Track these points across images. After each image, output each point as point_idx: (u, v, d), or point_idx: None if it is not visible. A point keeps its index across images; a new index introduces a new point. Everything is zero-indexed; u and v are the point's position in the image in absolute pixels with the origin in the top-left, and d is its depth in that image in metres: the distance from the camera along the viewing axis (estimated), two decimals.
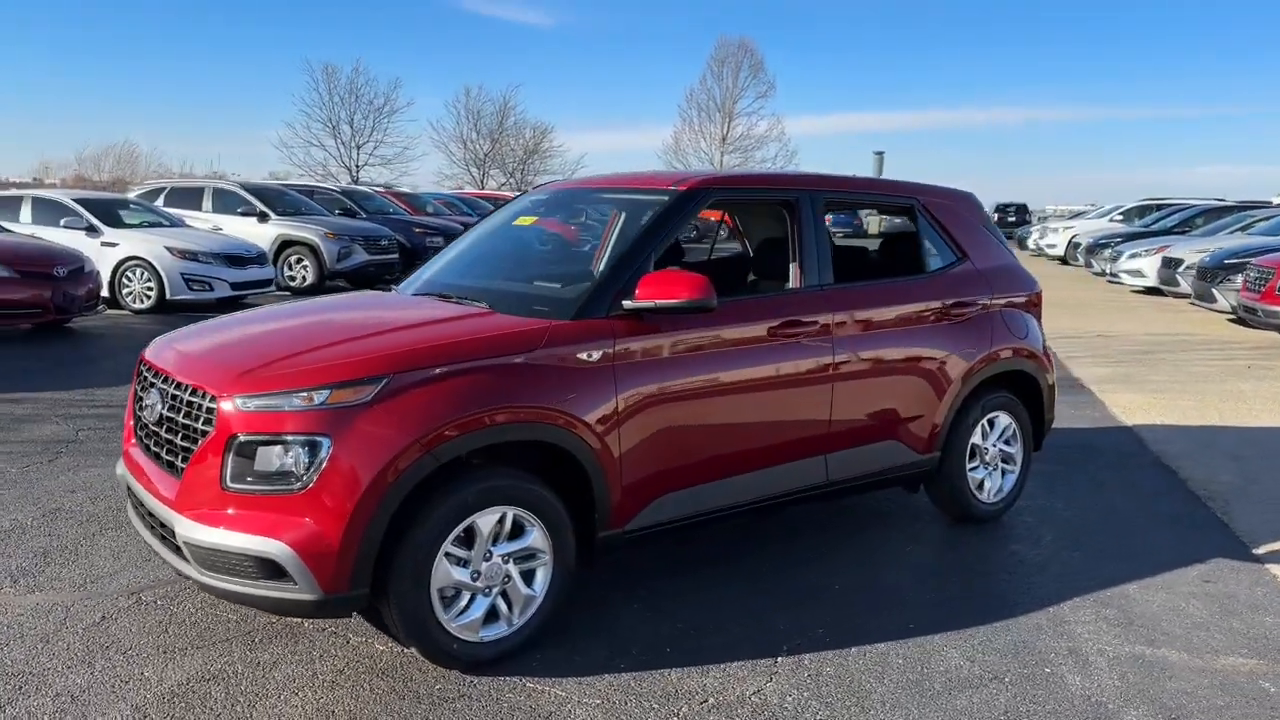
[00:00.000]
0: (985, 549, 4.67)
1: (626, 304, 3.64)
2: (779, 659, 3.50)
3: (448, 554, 3.24)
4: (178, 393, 3.38)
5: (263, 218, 15.81)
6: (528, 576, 3.46)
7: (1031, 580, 4.27)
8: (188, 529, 3.17)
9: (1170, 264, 15.99)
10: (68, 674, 3.26)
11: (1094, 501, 5.41)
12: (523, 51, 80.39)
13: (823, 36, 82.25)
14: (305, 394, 3.11)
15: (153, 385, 3.58)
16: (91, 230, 13.06)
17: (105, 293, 12.22)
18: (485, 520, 3.30)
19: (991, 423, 4.96)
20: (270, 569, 3.07)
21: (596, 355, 3.55)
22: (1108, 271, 19.21)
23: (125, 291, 12.93)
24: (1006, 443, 5.05)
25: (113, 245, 12.96)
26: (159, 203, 16.26)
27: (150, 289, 12.86)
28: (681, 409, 3.78)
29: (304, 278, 15.55)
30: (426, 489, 3.20)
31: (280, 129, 76.16)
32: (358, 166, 44.27)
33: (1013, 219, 42.88)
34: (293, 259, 15.67)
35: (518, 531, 3.41)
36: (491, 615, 3.39)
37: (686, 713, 3.12)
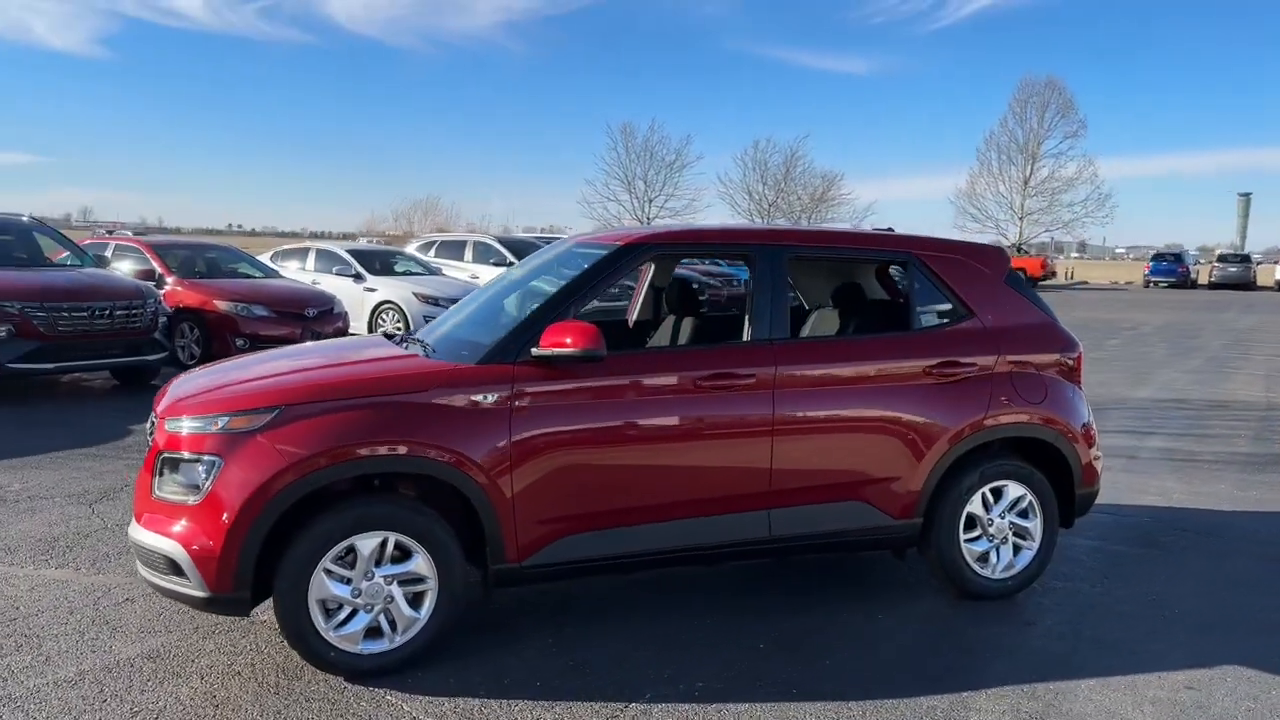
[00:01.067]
0: (962, 625, 4.34)
1: (534, 351, 3.87)
2: (630, 705, 3.54)
3: (328, 570, 3.62)
4: (153, 417, 4.04)
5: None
6: (414, 599, 3.76)
7: (985, 667, 3.94)
8: (131, 529, 3.79)
9: None
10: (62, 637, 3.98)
11: (1135, 589, 4.82)
12: (814, 100, 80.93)
13: (1143, 73, 75.74)
14: (211, 419, 3.63)
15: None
16: (357, 278, 15.07)
17: (365, 330, 14.03)
18: (366, 543, 3.65)
19: (997, 492, 4.61)
20: (173, 566, 3.60)
21: (493, 398, 3.81)
22: None
23: (379, 328, 14.69)
24: (1021, 515, 4.66)
25: (372, 290, 14.87)
26: (431, 253, 18.29)
27: (399, 327, 14.52)
28: (587, 454, 3.94)
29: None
30: (310, 508, 3.60)
31: (581, 186, 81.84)
32: (649, 219, 46.60)
33: None
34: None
35: (404, 556, 3.73)
36: (375, 631, 3.72)
37: None
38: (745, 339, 4.32)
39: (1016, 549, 4.68)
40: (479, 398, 3.80)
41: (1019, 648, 4.12)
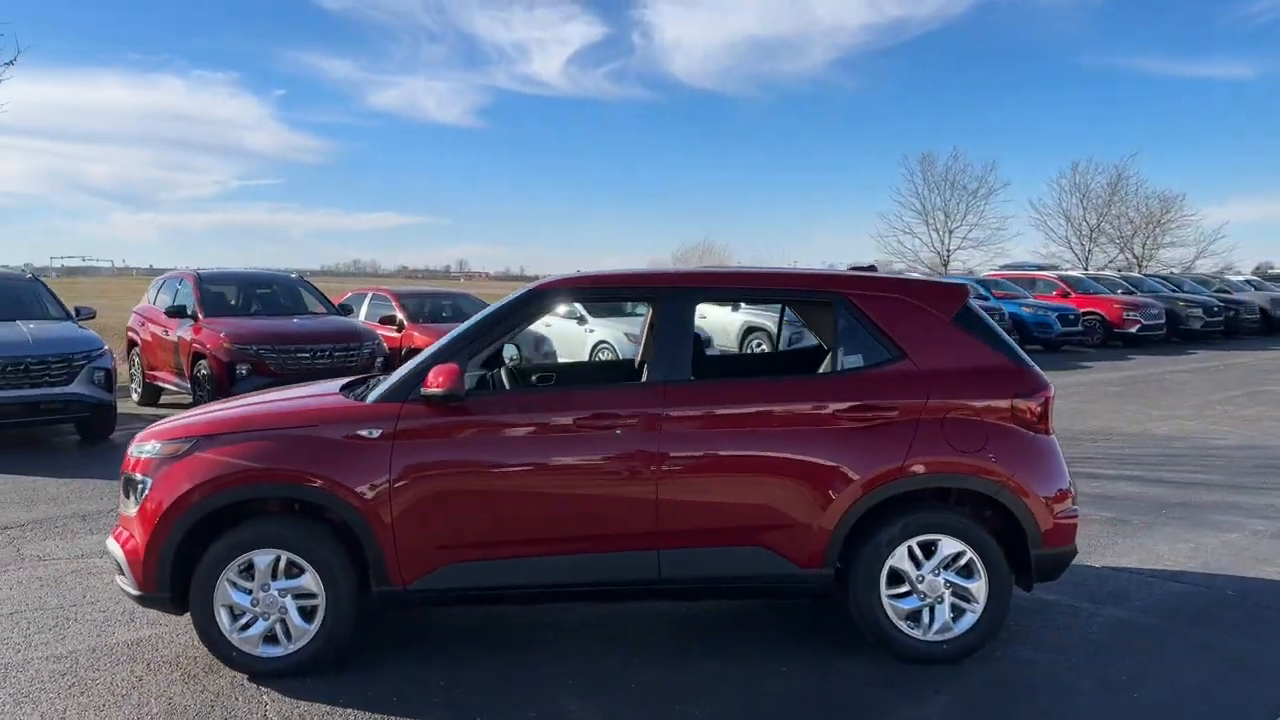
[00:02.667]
0: (846, 684, 4.06)
1: (423, 390, 4.23)
2: None
3: (231, 580, 4.18)
4: None
5: (736, 306, 17.54)
6: (306, 613, 4.22)
7: None
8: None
9: None
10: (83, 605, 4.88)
11: (1104, 669, 4.20)
12: (1149, 114, 73.20)
13: None
14: (150, 446, 4.34)
15: None
16: (580, 320, 16.07)
17: None
18: (262, 558, 4.17)
19: (928, 547, 4.26)
20: (119, 567, 4.33)
21: (377, 433, 4.20)
22: None
23: None
24: (961, 574, 4.27)
25: (591, 331, 15.79)
26: None
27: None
28: (467, 488, 4.21)
29: None
30: (216, 524, 4.19)
31: (875, 221, 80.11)
32: (949, 251, 44.61)
33: None
34: (753, 342, 17.12)
35: (298, 572, 4.20)
36: (272, 637, 4.22)
37: None
38: (641, 380, 4.38)
39: (958, 611, 4.28)
40: (364, 432, 4.20)
41: (892, 715, 3.80)
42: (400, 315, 14.12)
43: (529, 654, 4.44)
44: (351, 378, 5.09)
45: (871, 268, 5.14)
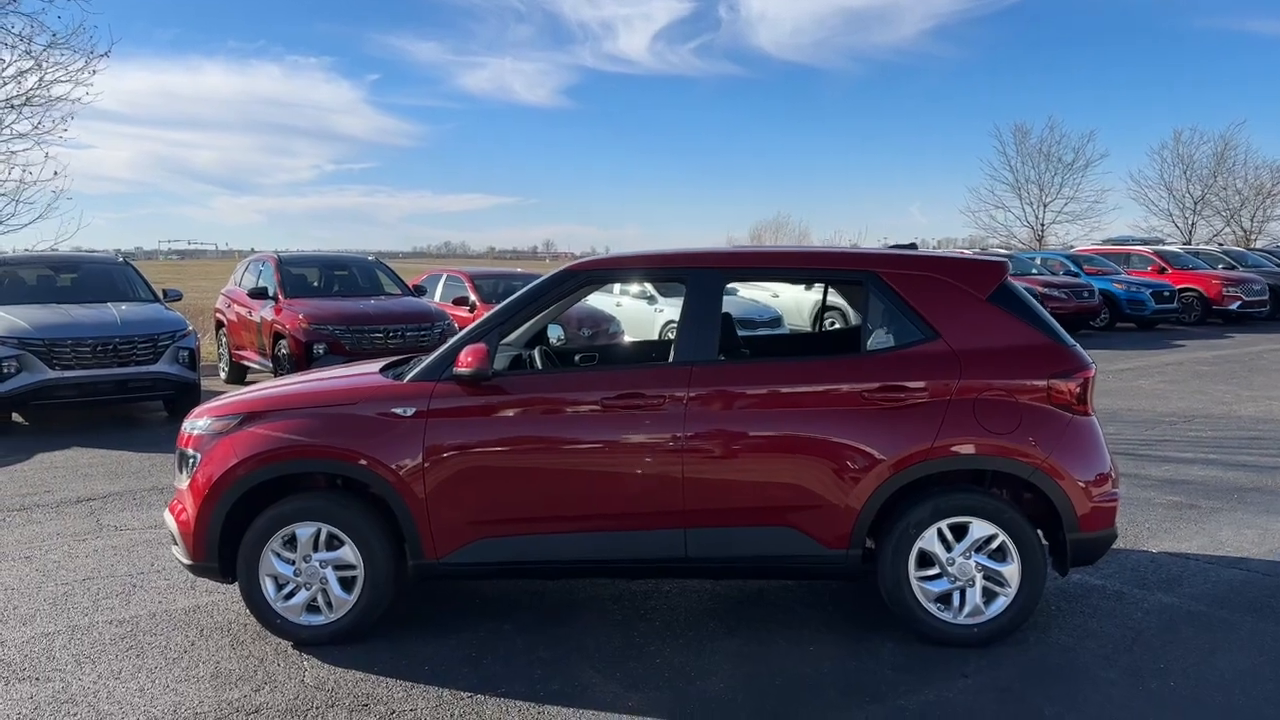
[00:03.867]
0: (870, 662, 4.04)
1: (454, 370, 4.34)
2: (475, 696, 3.86)
3: (275, 551, 4.36)
4: None
5: (808, 286, 17.36)
6: (346, 583, 4.38)
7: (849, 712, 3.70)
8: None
9: None
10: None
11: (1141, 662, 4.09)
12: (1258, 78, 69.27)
13: None
14: (202, 422, 4.54)
15: None
16: (650, 299, 16.10)
17: None
18: (304, 530, 4.35)
19: (959, 529, 4.20)
20: (173, 537, 4.56)
21: (411, 411, 4.33)
22: None
23: None
24: (993, 557, 4.20)
25: (660, 311, 15.80)
26: None
27: None
28: (494, 464, 4.31)
29: None
30: (262, 497, 4.38)
31: (966, 196, 77.87)
32: (1043, 225, 43.20)
33: None
34: (828, 321, 16.93)
35: (338, 544, 4.36)
36: (314, 607, 4.40)
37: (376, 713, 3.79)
38: (669, 360, 4.41)
39: (989, 594, 4.22)
40: (399, 410, 4.33)
41: (909, 696, 3.78)
42: (473, 296, 14.35)
43: (558, 628, 4.53)
44: (395, 358, 5.23)
45: (912, 246, 5.05)
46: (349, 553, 4.34)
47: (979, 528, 4.19)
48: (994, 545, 4.20)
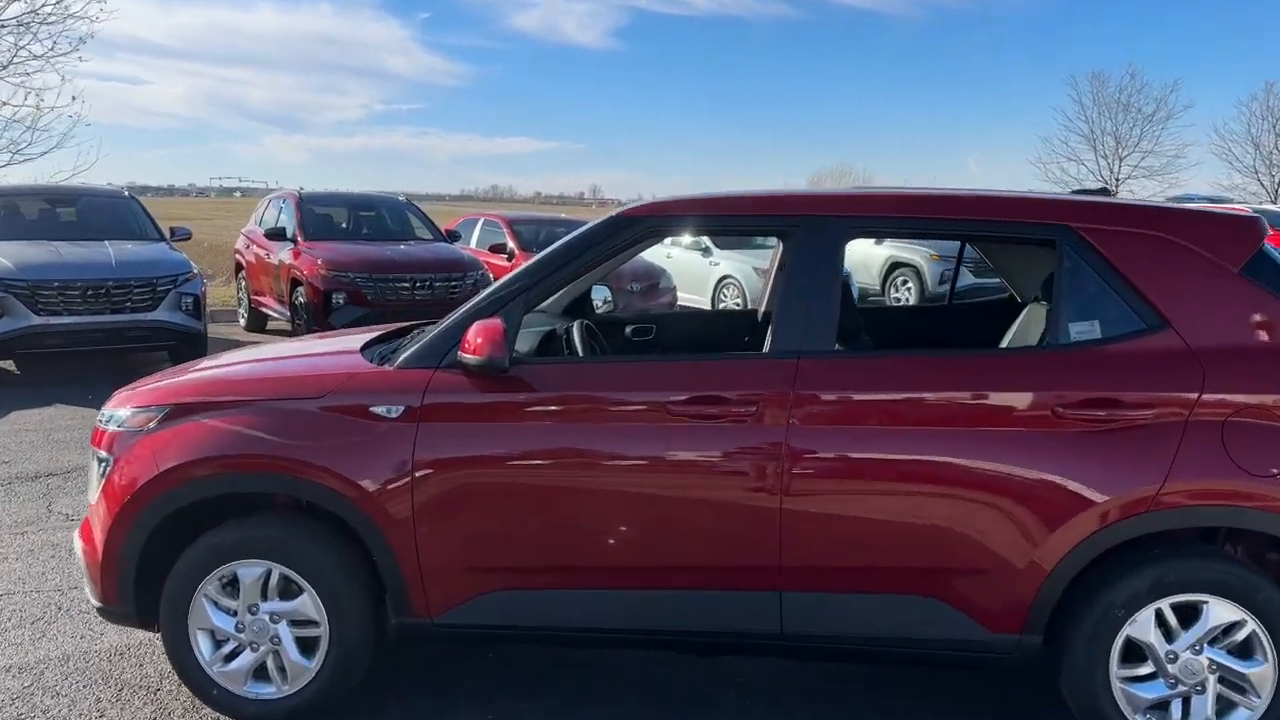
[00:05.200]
0: None
1: (459, 355, 3.04)
2: None
3: (210, 597, 3.14)
4: None
5: (879, 239, 15.81)
6: (306, 645, 3.15)
7: None
8: None
9: None
10: None
11: None
12: None
13: None
14: (119, 414, 3.30)
15: None
16: (705, 251, 14.66)
17: (707, 303, 13.71)
18: (247, 571, 3.12)
19: (1188, 612, 2.85)
20: (83, 571, 3.36)
21: (398, 410, 3.05)
22: None
23: (721, 304, 14.21)
24: (1237, 654, 2.86)
25: (716, 265, 14.38)
26: None
27: (739, 302, 13.93)
28: (510, 489, 3.04)
29: (906, 299, 15.17)
30: (196, 521, 3.15)
31: (1035, 145, 74.67)
32: (1118, 180, 40.61)
33: None
34: (899, 280, 15.41)
35: (294, 592, 3.13)
36: (263, 674, 3.18)
37: None
38: (763, 350, 3.07)
39: (1226, 705, 2.88)
40: (381, 408, 3.06)
41: None
42: (512, 243, 13.03)
43: (594, 709, 3.29)
44: (381, 332, 3.91)
45: (1104, 191, 3.64)
46: (309, 604, 3.10)
47: (1219, 610, 2.84)
48: (1238, 636, 2.85)
